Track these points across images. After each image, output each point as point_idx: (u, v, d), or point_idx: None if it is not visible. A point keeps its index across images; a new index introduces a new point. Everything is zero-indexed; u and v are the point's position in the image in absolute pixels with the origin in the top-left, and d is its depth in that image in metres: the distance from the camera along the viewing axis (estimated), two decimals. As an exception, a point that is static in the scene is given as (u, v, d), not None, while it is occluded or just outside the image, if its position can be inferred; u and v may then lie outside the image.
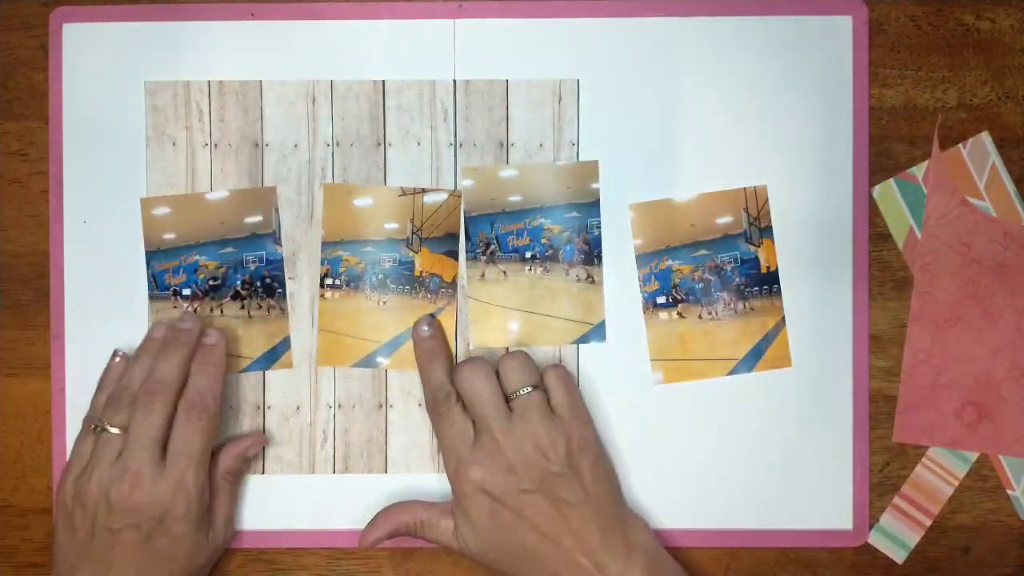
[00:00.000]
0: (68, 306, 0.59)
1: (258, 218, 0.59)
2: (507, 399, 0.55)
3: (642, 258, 0.59)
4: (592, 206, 0.59)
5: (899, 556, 0.59)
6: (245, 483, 0.59)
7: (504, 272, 0.59)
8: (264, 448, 0.59)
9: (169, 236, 0.59)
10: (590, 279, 0.59)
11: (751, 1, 0.59)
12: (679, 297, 0.59)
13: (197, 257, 0.59)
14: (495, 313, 0.59)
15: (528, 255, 0.59)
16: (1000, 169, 0.59)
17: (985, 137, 0.59)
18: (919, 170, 0.59)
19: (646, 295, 0.59)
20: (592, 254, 0.59)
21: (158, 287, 0.59)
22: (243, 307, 0.59)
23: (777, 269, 0.59)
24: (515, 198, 0.59)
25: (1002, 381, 0.58)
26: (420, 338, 0.57)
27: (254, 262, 0.59)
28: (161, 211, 0.59)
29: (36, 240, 0.59)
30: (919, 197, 0.59)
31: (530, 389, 0.54)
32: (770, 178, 0.59)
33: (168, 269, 0.59)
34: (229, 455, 0.56)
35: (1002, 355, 0.58)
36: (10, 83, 0.60)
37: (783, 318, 0.59)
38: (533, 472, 0.53)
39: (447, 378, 0.56)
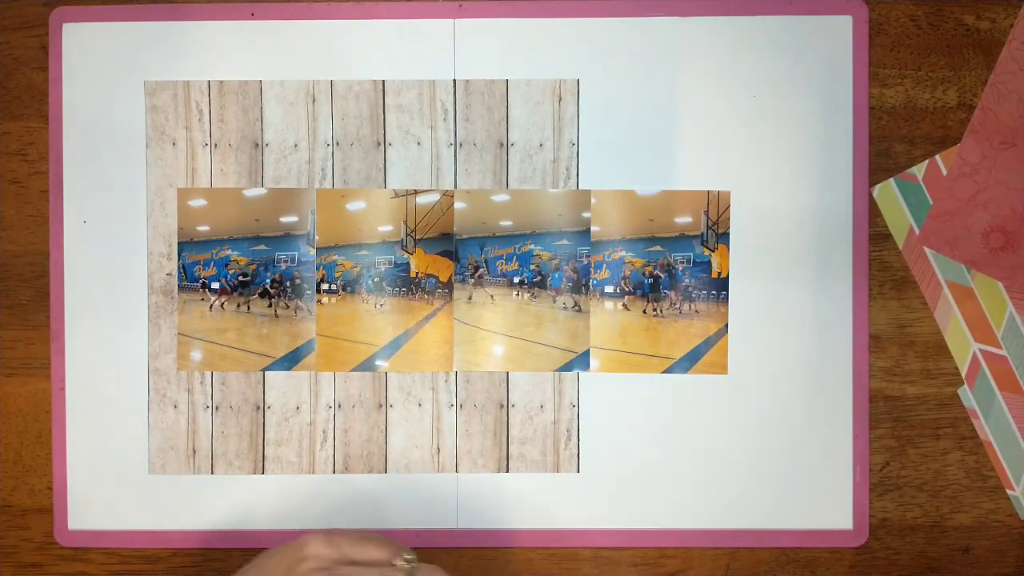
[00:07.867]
0: (68, 306, 0.59)
1: (294, 218, 0.59)
2: None
3: (597, 245, 0.59)
4: (583, 235, 0.59)
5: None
6: (244, 483, 0.59)
7: (492, 296, 0.59)
8: (263, 447, 0.59)
9: (203, 228, 0.59)
10: (576, 307, 0.59)
11: (751, 1, 0.59)
12: (627, 289, 0.59)
13: (229, 252, 0.59)
14: (480, 336, 0.59)
15: (516, 280, 0.59)
16: (1000, 168, 0.59)
17: (985, 137, 0.59)
18: (919, 170, 0.59)
19: (595, 282, 0.59)
20: (580, 283, 0.59)
21: (187, 278, 0.59)
22: (270, 305, 0.59)
23: (728, 276, 0.59)
24: (506, 223, 0.59)
25: None
26: None
27: (285, 262, 0.59)
28: (197, 203, 0.59)
29: (36, 240, 0.59)
30: (919, 197, 0.59)
31: None
32: (769, 178, 0.59)
33: (199, 261, 0.59)
34: None
35: None
36: (10, 83, 0.60)
37: (726, 325, 0.59)
38: None
39: None
